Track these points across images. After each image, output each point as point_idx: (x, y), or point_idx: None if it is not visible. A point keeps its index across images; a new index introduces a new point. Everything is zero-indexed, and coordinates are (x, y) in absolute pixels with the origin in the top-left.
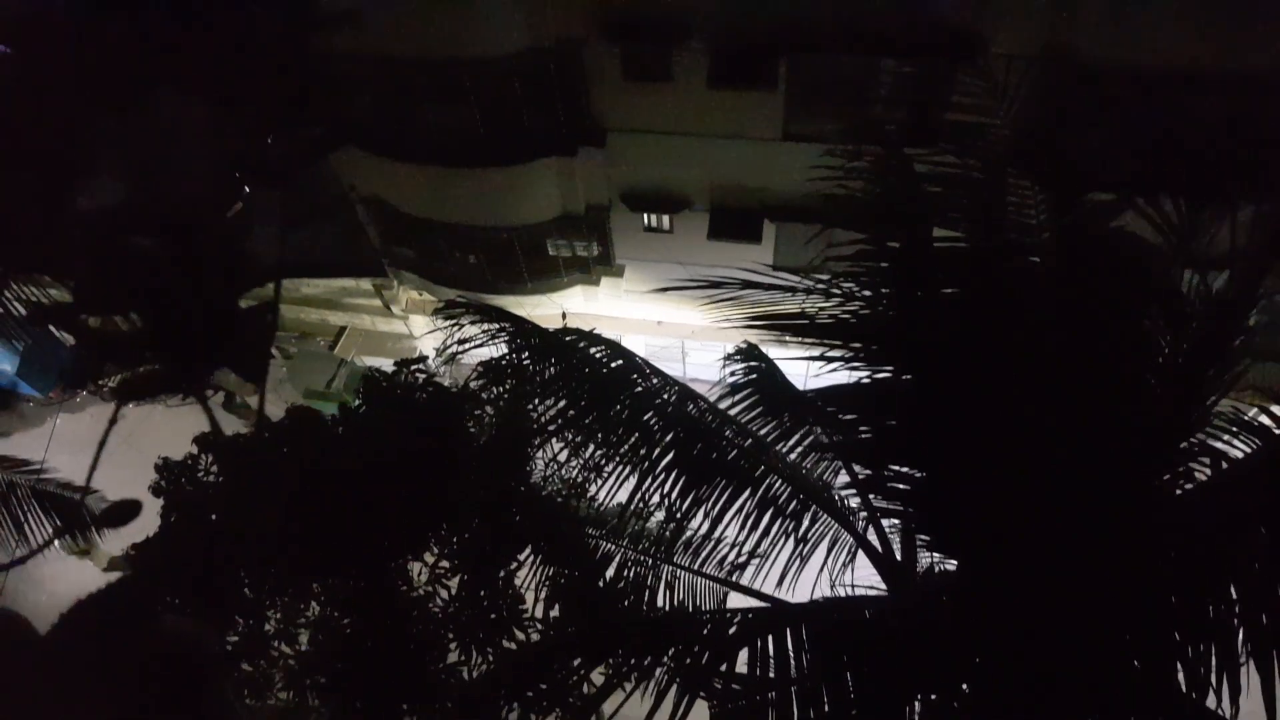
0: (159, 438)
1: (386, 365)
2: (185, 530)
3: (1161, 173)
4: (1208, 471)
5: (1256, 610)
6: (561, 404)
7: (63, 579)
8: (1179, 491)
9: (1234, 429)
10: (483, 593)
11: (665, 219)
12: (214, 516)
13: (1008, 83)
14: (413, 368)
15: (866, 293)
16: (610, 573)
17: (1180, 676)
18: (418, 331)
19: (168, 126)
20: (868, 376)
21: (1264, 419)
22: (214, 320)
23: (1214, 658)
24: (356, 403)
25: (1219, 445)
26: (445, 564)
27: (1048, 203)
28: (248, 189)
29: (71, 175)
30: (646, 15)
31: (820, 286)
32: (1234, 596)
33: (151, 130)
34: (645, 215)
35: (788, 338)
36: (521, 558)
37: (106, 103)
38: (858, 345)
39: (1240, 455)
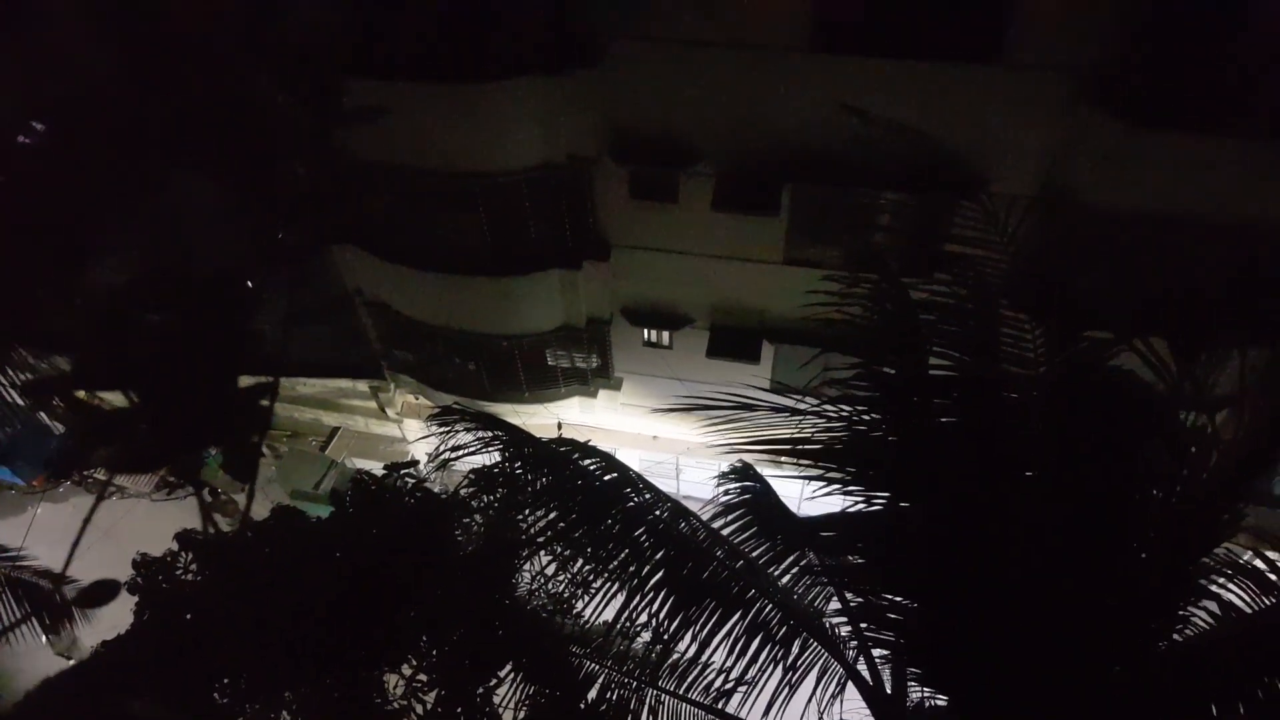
0: (139, 532)
1: (378, 468)
2: (158, 629)
3: (1158, 314)
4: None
5: None
6: (552, 516)
7: (36, 672)
8: (1176, 638)
9: (1229, 572)
10: (459, 710)
11: (665, 335)
12: (189, 616)
13: (1007, 219)
14: (402, 472)
15: (863, 416)
16: (593, 694)
17: None
18: (411, 436)
19: (183, 209)
20: (862, 502)
21: (1258, 563)
22: (211, 397)
23: None
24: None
25: (1213, 588)
26: (423, 677)
27: (1044, 337)
28: (250, 281)
29: (84, 253)
30: (656, 139)
31: (816, 409)
32: None
33: (167, 211)
34: (645, 330)
35: (783, 460)
36: (502, 674)
37: (125, 184)
38: (852, 470)
39: (1233, 599)
